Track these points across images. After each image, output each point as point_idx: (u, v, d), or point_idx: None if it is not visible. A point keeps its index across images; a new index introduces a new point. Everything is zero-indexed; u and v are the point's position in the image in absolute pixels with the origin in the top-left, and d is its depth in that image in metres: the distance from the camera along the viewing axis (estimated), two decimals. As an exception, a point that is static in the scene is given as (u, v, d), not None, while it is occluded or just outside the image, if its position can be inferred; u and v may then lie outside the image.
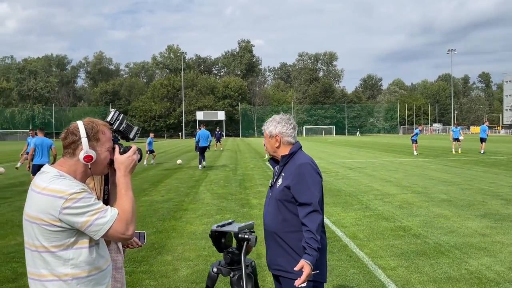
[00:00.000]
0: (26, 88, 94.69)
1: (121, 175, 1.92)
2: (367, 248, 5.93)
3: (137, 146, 2.10)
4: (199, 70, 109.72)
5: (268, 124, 2.87)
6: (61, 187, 1.73)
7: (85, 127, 1.85)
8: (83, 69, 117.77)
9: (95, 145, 1.86)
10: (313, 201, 2.61)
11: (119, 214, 1.81)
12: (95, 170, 1.91)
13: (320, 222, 2.64)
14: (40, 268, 1.79)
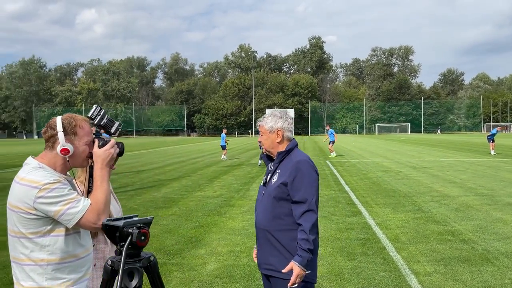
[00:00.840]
0: (110, 88, 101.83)
1: (97, 167, 2.00)
2: (406, 252, 5.64)
3: (120, 141, 2.20)
4: (269, 68, 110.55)
5: (269, 119, 2.79)
6: (36, 178, 1.86)
7: (63, 122, 1.97)
8: (161, 70, 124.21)
9: (72, 139, 1.96)
10: (309, 200, 2.56)
11: (92, 204, 1.90)
12: (73, 163, 2.02)
13: (315, 221, 2.58)
14: (19, 253, 1.93)
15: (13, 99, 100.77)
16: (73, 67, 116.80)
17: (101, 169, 1.98)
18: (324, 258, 5.42)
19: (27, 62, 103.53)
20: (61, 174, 1.96)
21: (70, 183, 2.02)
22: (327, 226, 7.10)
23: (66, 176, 2.02)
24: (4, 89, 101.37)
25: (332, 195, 10.22)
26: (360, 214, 8.02)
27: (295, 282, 2.50)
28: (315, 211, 2.58)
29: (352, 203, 9.09)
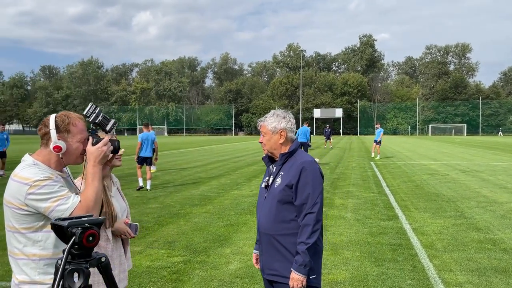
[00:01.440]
0: (162, 88, 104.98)
1: (90, 165, 2.04)
2: (439, 260, 5.35)
3: (116, 139, 2.24)
4: (318, 67, 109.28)
5: (271, 119, 2.73)
6: (27, 175, 1.92)
7: (56, 120, 2.02)
8: (210, 70, 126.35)
9: (65, 136, 2.01)
10: (314, 202, 2.50)
11: (81, 202, 1.94)
12: (67, 160, 2.06)
13: (317, 225, 2.51)
14: (14, 247, 2.01)
15: (73, 97, 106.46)
16: (128, 67, 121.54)
17: (93, 166, 2.01)
18: (350, 262, 5.27)
19: (86, 63, 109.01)
20: (54, 171, 2.01)
21: (65, 180, 2.06)
22: (359, 229, 6.90)
23: (61, 173, 2.06)
24: (65, 88, 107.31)
25: (370, 197, 9.92)
26: (397, 218, 7.72)
27: (297, 286, 2.44)
28: (318, 214, 2.51)
29: (389, 207, 8.77)
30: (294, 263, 2.46)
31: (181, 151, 29.81)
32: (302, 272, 2.43)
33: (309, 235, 2.44)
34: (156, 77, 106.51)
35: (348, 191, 10.84)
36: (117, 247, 2.76)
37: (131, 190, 11.10)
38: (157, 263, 5.26)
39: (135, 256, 5.49)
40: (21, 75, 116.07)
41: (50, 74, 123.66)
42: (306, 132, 17.90)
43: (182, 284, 4.58)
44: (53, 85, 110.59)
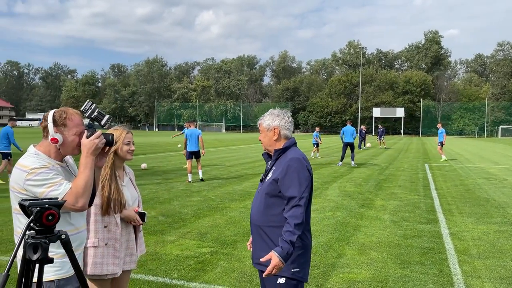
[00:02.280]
0: (221, 86, 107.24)
1: (83, 155, 2.25)
2: (469, 265, 5.16)
3: (110, 133, 2.45)
4: (379, 65, 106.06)
5: (266, 118, 2.85)
6: (26, 163, 2.18)
7: (54, 115, 2.25)
8: (269, 68, 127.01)
9: (62, 130, 2.24)
10: (298, 196, 2.57)
11: (71, 188, 2.16)
12: (64, 151, 2.30)
13: (302, 218, 2.57)
14: (17, 226, 2.27)
15: (138, 94, 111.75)
16: (190, 65, 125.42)
17: (86, 157, 2.21)
18: (374, 263, 5.23)
19: (151, 61, 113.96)
20: (53, 161, 2.25)
21: (63, 169, 2.30)
22: (393, 231, 6.78)
23: (60, 162, 2.31)
24: (131, 85, 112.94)
25: (414, 200, 9.63)
26: (436, 222, 7.47)
27: (271, 272, 2.50)
28: (303, 207, 2.57)
29: (432, 210, 8.48)
30: (277, 247, 2.50)
31: (234, 147, 30.41)
32: (283, 257, 2.44)
33: (294, 226, 2.51)
34: (216, 75, 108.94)
35: (392, 193, 10.58)
36: (126, 233, 3.01)
37: (178, 183, 11.61)
38: (186, 252, 5.55)
39: (167, 245, 5.83)
40: (92, 73, 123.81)
41: (118, 72, 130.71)
42: (353, 131, 17.47)
43: (205, 273, 4.82)
44: (121, 83, 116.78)
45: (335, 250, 5.75)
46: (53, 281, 2.21)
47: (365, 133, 31.98)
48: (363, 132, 31.58)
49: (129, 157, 2.98)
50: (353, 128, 17.66)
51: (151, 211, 7.94)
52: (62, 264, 2.24)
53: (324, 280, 4.65)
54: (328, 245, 5.99)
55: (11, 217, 2.29)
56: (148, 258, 5.28)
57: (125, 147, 2.92)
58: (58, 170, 2.22)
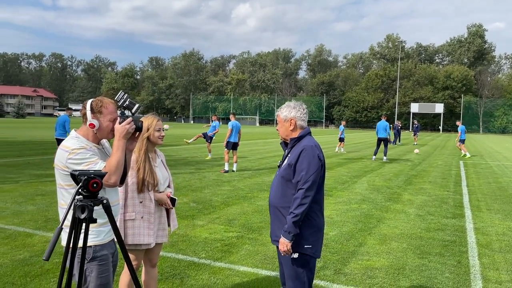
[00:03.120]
0: (256, 79, 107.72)
1: (116, 139, 2.58)
2: (488, 258, 5.25)
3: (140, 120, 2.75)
4: (418, 59, 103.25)
5: (284, 110, 3.15)
6: (68, 144, 2.53)
7: (91, 103, 2.59)
8: (304, 62, 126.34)
9: (98, 116, 2.57)
10: (303, 180, 2.84)
11: (105, 167, 2.48)
12: (100, 135, 2.63)
13: (307, 201, 2.84)
14: (61, 199, 2.63)
15: (175, 87, 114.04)
16: (226, 59, 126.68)
17: (118, 140, 2.53)
18: (394, 252, 5.41)
19: (188, 55, 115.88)
20: (91, 143, 2.58)
21: (100, 151, 2.64)
22: (416, 224, 6.89)
23: (97, 145, 2.64)
24: (168, 78, 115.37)
25: (442, 196, 9.62)
26: (462, 217, 7.51)
27: (282, 250, 2.84)
28: (307, 191, 2.82)
29: (459, 206, 8.48)
30: (282, 229, 2.84)
31: (266, 141, 30.75)
32: (286, 237, 2.80)
33: (296, 206, 2.80)
34: (251, 68, 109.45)
35: (421, 188, 10.59)
36: (159, 209, 3.38)
37: (211, 173, 12.05)
38: (214, 235, 5.92)
39: (196, 229, 6.22)
40: (131, 65, 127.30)
41: (156, 64, 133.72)
42: (386, 126, 17.36)
43: (230, 254, 5.16)
44: (159, 75, 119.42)
45: (356, 239, 5.95)
46: (90, 247, 2.57)
47: (400, 128, 31.28)
48: (398, 128, 30.93)
49: (160, 142, 3.33)
50: (386, 123, 17.53)
51: (184, 198, 8.38)
52: (98, 232, 2.59)
53: (342, 266, 4.88)
54: (350, 234, 6.20)
55: (57, 198, 2.66)
56: (179, 239, 5.68)
57: (156, 133, 3.28)
58: (94, 151, 2.56)
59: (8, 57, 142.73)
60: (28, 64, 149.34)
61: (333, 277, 4.54)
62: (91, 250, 2.58)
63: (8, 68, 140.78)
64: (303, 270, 2.93)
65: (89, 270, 2.59)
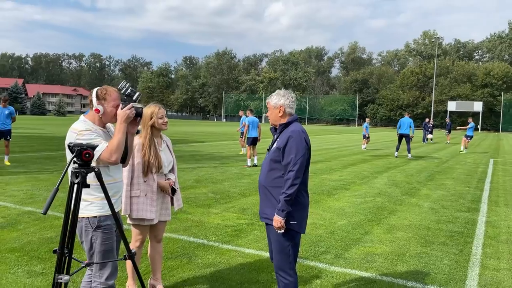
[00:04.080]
0: (288, 77, 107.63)
1: (118, 122, 2.89)
2: (492, 248, 5.32)
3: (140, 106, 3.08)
4: (456, 56, 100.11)
5: (274, 97, 3.40)
6: (76, 126, 2.89)
7: (97, 91, 2.94)
8: (337, 59, 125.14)
9: (103, 103, 2.92)
10: (293, 162, 3.10)
11: (107, 146, 2.82)
12: (105, 119, 2.97)
13: (297, 182, 3.11)
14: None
15: (208, 86, 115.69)
16: (258, 57, 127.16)
17: (119, 124, 2.85)
18: (398, 241, 5.56)
19: (221, 54, 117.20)
20: (97, 126, 2.92)
21: (104, 133, 2.98)
22: (427, 217, 6.97)
23: (103, 128, 2.98)
24: (202, 77, 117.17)
25: (462, 191, 9.57)
26: (476, 211, 7.50)
27: (276, 226, 3.12)
28: (297, 172, 3.08)
29: (477, 201, 8.44)
30: (276, 208, 3.13)
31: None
32: (280, 215, 3.08)
33: (288, 187, 3.06)
34: (283, 66, 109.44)
35: (442, 184, 10.54)
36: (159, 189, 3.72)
37: (233, 168, 12.41)
38: (226, 222, 6.25)
39: (211, 216, 6.57)
40: (166, 65, 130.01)
41: (190, 64, 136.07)
42: (410, 123, 17.24)
43: (238, 238, 5.47)
44: (192, 74, 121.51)
45: (363, 228, 6.13)
46: (95, 217, 2.93)
47: (431, 126, 30.55)
48: (428, 126, 30.25)
49: (164, 127, 3.68)
50: (410, 120, 17.40)
51: (203, 189, 8.77)
52: (102, 205, 2.94)
53: (343, 251, 5.10)
54: (358, 224, 6.38)
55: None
56: (192, 224, 6.05)
57: (160, 120, 3.62)
58: (99, 133, 2.92)
59: (50, 58, 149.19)
60: (68, 64, 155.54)
61: (332, 260, 4.77)
62: (96, 220, 2.94)
63: (50, 68, 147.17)
64: (288, 244, 3.19)
65: (94, 237, 2.95)
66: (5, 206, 6.74)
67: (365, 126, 21.83)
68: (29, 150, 15.54)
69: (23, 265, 4.32)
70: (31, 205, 6.90)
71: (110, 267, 2.98)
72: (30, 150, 15.74)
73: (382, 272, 4.44)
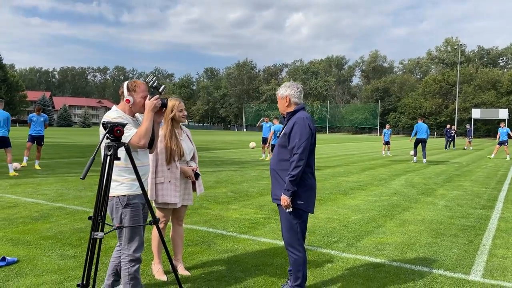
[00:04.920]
0: (308, 87, 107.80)
1: (146, 112, 3.25)
2: (502, 240, 5.44)
3: (165, 97, 3.45)
4: (480, 63, 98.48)
5: (281, 89, 3.71)
6: (110, 115, 3.24)
7: (127, 84, 3.31)
8: (358, 68, 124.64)
9: (133, 94, 3.28)
10: (297, 146, 3.39)
11: (137, 132, 3.19)
12: (134, 109, 3.33)
13: (301, 164, 3.39)
14: None
15: (229, 96, 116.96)
16: (279, 67, 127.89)
17: (147, 112, 3.20)
18: (409, 233, 5.73)
19: (241, 64, 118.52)
20: (127, 115, 3.29)
21: (134, 122, 3.35)
22: (441, 213, 7.10)
23: (132, 117, 3.36)
24: (222, 88, 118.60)
25: (479, 192, 9.61)
26: (491, 208, 7.58)
27: (283, 204, 3.40)
28: (301, 155, 3.36)
29: (493, 200, 8.50)
30: (283, 188, 3.41)
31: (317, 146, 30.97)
32: (286, 194, 3.36)
33: (293, 168, 3.35)
34: (303, 76, 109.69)
35: (459, 185, 10.58)
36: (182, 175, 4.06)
37: (252, 171, 12.72)
38: (244, 216, 6.54)
39: (229, 211, 6.88)
40: (188, 76, 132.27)
41: (211, 75, 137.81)
42: (425, 128, 17.36)
43: (255, 230, 5.76)
44: (213, 85, 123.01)
45: (376, 222, 6.33)
46: (125, 196, 3.27)
47: (453, 133, 30.20)
48: (449, 132, 29.91)
49: (183, 120, 4.03)
50: (425, 126, 17.51)
51: (223, 189, 9.10)
52: (131, 185, 3.29)
53: (355, 241, 5.32)
54: (371, 218, 6.58)
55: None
56: (212, 217, 6.37)
57: (179, 113, 3.97)
58: (129, 121, 3.29)
59: (76, 71, 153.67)
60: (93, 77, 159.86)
61: (344, 248, 5.00)
62: (125, 198, 3.29)
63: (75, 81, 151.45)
64: (296, 222, 3.47)
65: (123, 214, 3.30)
66: (38, 203, 7.21)
67: (384, 132, 21.88)
68: (57, 157, 16.23)
69: (56, 250, 4.71)
70: (62, 202, 7.36)
71: (137, 241, 3.32)
72: (57, 157, 16.44)
73: (391, 258, 4.65)
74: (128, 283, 3.32)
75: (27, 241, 4.98)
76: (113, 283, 3.57)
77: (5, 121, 10.82)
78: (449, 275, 4.17)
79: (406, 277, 4.09)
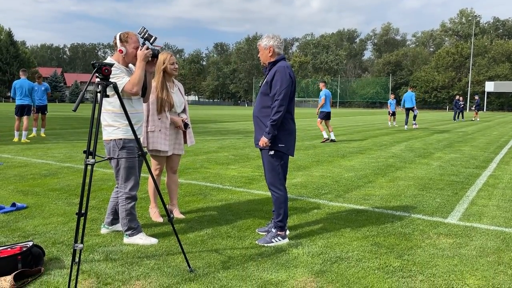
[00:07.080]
0: (319, 61, 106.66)
1: (138, 61, 3.50)
2: (487, 192, 5.69)
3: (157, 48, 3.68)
4: (495, 34, 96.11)
5: (264, 39, 3.90)
6: None
7: (120, 35, 3.55)
8: (370, 41, 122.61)
9: (125, 44, 3.53)
10: (278, 92, 3.62)
11: (130, 80, 3.48)
12: (127, 59, 3.59)
13: (282, 109, 3.63)
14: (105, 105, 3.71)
15: (239, 72, 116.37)
16: (289, 42, 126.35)
17: (139, 62, 3.46)
18: (397, 187, 5.99)
19: (251, 39, 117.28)
20: (121, 65, 3.57)
21: (127, 71, 3.61)
22: (433, 171, 7.32)
23: (125, 67, 3.62)
24: (232, 63, 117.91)
25: (475, 154, 9.77)
26: (484, 168, 7.78)
27: (261, 145, 3.66)
28: (282, 101, 3.60)
29: (488, 161, 8.68)
30: (265, 133, 3.66)
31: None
32: (266, 137, 3.61)
33: (274, 113, 3.60)
34: (314, 50, 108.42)
35: (458, 150, 10.74)
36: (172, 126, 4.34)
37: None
38: (241, 174, 6.85)
39: (228, 170, 7.18)
40: (198, 52, 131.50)
41: (221, 50, 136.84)
42: (411, 97, 18.49)
43: (250, 184, 6.06)
44: (223, 61, 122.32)
45: (367, 178, 6.59)
46: (121, 139, 3.57)
47: (462, 104, 29.82)
48: (459, 104, 29.57)
49: (174, 72, 4.27)
50: (412, 94, 18.85)
51: (225, 153, 9.42)
52: (126, 130, 3.58)
53: (344, 193, 5.59)
54: (363, 175, 6.84)
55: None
56: (211, 175, 6.69)
57: (171, 66, 4.22)
58: (123, 70, 3.55)
59: (86, 48, 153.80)
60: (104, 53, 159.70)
61: (332, 198, 5.29)
62: (121, 142, 3.58)
63: (86, 58, 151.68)
64: (278, 163, 3.75)
65: (120, 155, 3.60)
66: (48, 163, 7.61)
67: (389, 102, 21.91)
68: (68, 128, 16.69)
69: (63, 199, 5.08)
70: (70, 162, 7.75)
71: (133, 181, 3.63)
72: (68, 127, 16.90)
73: (375, 206, 4.93)
74: (125, 218, 3.66)
75: (36, 192, 5.36)
76: (112, 221, 3.92)
77: (29, 91, 11.33)
78: (427, 218, 4.44)
79: (386, 219, 4.37)
